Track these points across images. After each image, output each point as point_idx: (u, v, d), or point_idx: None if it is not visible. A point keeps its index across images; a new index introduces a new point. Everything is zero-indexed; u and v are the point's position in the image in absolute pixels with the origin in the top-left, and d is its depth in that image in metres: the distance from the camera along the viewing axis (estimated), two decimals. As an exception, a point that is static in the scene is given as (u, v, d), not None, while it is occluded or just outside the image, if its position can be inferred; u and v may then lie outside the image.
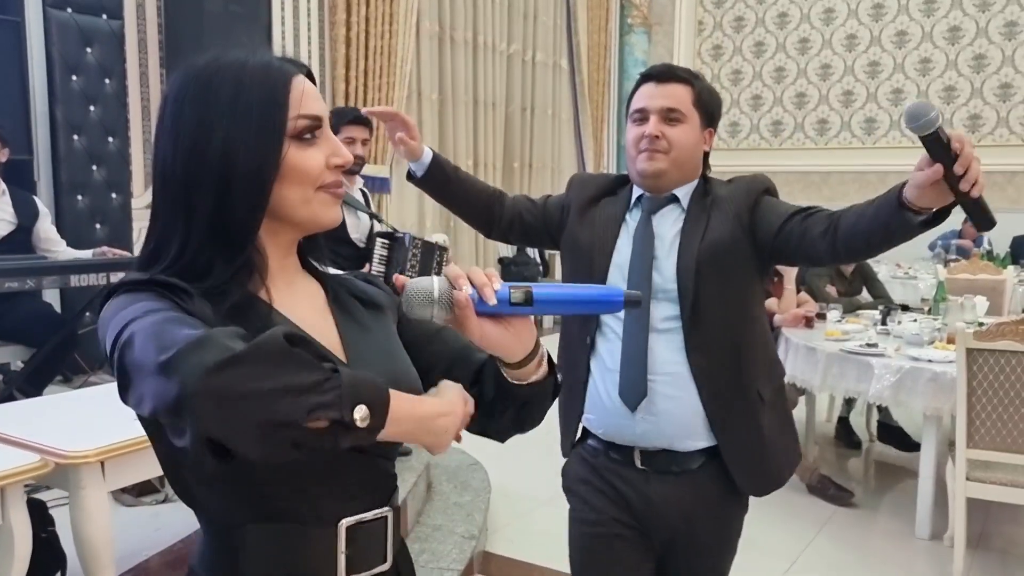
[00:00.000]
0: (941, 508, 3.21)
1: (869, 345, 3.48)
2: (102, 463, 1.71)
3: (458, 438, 0.85)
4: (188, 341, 0.66)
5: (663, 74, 1.58)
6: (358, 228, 3.16)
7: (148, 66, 4.63)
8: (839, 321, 3.99)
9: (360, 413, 0.70)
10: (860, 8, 8.95)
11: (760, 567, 3.07)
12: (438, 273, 2.81)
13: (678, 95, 1.55)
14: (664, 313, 1.53)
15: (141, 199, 4.59)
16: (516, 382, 0.89)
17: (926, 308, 4.66)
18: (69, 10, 3.96)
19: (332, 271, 0.98)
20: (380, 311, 0.96)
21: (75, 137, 4.00)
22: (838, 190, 9.14)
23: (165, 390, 0.66)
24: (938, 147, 1.16)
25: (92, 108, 4.05)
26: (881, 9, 8.87)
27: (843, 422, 4.57)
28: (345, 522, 0.85)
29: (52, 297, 3.73)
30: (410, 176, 1.66)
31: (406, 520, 2.82)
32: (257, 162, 0.81)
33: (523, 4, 7.72)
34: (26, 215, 3.24)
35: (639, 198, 1.61)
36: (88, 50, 4.02)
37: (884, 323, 3.92)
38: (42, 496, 2.21)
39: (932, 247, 7.57)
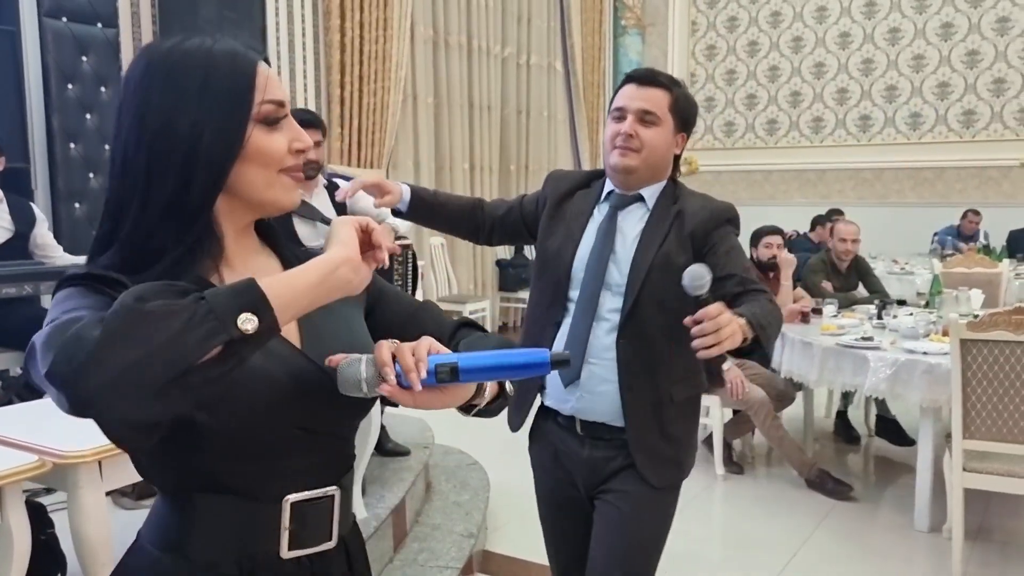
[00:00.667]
0: (940, 501, 3.22)
1: (865, 339, 3.49)
2: (99, 463, 1.72)
3: (379, 260, 0.85)
4: (58, 344, 0.66)
5: (644, 77, 1.69)
6: (317, 237, 2.92)
7: (143, 74, 4.65)
8: (835, 316, 4.01)
9: (245, 322, 0.69)
10: (853, 6, 8.97)
11: (759, 562, 3.08)
12: (412, 276, 2.78)
13: (656, 99, 1.65)
14: (611, 305, 1.66)
15: (138, 206, 4.60)
16: (465, 413, 0.92)
17: (922, 302, 4.68)
18: (64, 19, 3.98)
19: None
20: None
21: (72, 145, 4.01)
22: (834, 187, 9.16)
23: (60, 401, 0.67)
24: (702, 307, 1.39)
25: (88, 116, 4.07)
26: (874, 7, 8.90)
27: (841, 417, 4.59)
28: (290, 498, 0.87)
29: (50, 303, 3.74)
30: (396, 212, 1.79)
31: (405, 519, 2.83)
32: (223, 144, 0.83)
33: (517, 7, 7.74)
34: (23, 222, 3.26)
35: (609, 193, 1.72)
36: (84, 58, 4.05)
37: (880, 317, 3.93)
38: (42, 500, 2.22)
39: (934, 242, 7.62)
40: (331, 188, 3.12)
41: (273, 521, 0.86)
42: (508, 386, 0.95)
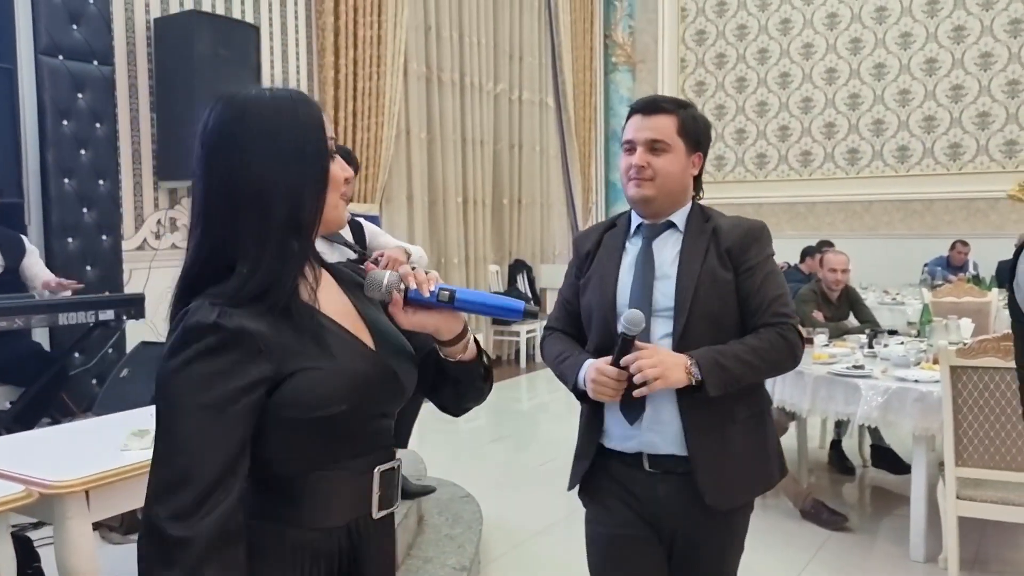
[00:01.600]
0: (936, 530, 3.20)
1: (856, 367, 3.50)
2: (87, 493, 1.71)
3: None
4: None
5: (648, 107, 1.70)
6: (331, 255, 3.19)
7: (139, 109, 4.70)
8: (826, 345, 4.01)
9: None
10: (838, 42, 9.15)
11: (755, 593, 3.05)
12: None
13: (662, 126, 1.66)
14: (662, 331, 1.63)
15: (131, 241, 4.62)
16: (447, 359, 1.10)
17: (913, 331, 4.70)
18: (60, 57, 4.04)
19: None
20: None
21: (66, 180, 4.04)
22: (824, 219, 9.24)
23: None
24: (623, 346, 1.54)
25: (83, 152, 4.10)
26: (859, 43, 9.08)
27: (836, 447, 4.57)
28: (378, 469, 1.05)
29: (42, 336, 3.74)
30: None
31: (396, 553, 2.80)
32: (319, 171, 1.01)
33: (509, 45, 7.87)
34: (11, 256, 3.27)
35: (639, 226, 1.72)
36: (79, 95, 4.09)
37: (871, 346, 3.95)
38: (30, 535, 2.20)
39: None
40: (351, 221, 3.27)
41: (367, 488, 1.04)
42: (485, 359, 1.13)
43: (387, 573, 1.13)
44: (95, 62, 4.20)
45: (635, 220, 1.73)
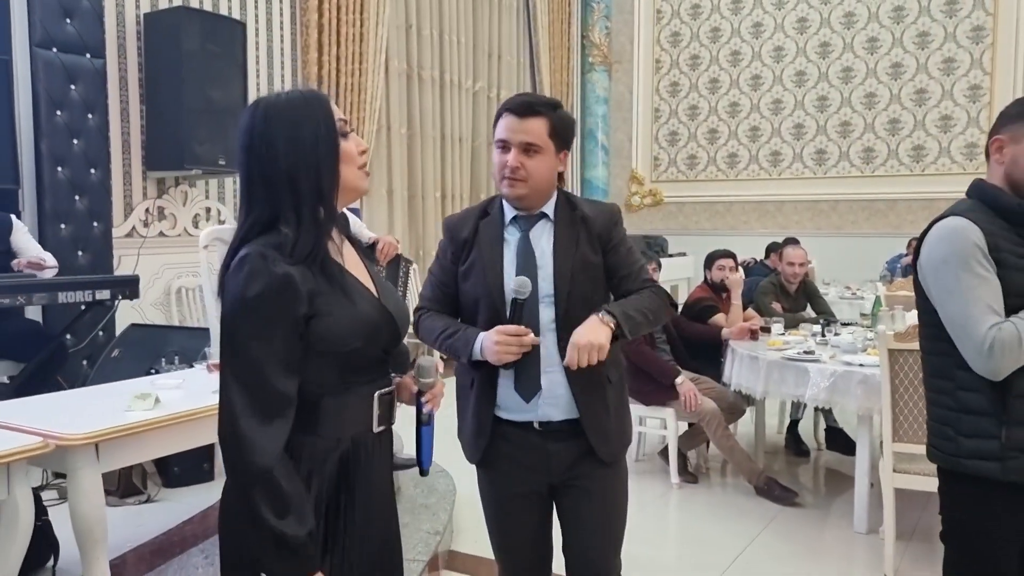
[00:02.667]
0: (879, 504, 3.45)
1: (807, 353, 3.76)
2: (96, 446, 1.90)
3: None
4: (233, 460, 1.19)
5: (522, 108, 1.78)
6: None
7: (129, 101, 4.85)
8: (782, 334, 4.27)
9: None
10: (808, 46, 9.44)
11: (705, 561, 3.29)
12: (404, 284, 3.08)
13: (535, 129, 1.77)
14: (547, 316, 1.81)
15: (121, 228, 4.77)
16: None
17: (866, 322, 4.97)
18: (54, 49, 4.18)
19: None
20: (370, 256, 1.47)
21: (59, 169, 4.19)
22: (792, 218, 9.54)
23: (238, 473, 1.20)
24: (516, 310, 1.75)
25: (76, 141, 4.25)
26: (828, 47, 9.37)
27: (792, 431, 4.84)
28: (378, 393, 1.34)
29: (34, 314, 3.89)
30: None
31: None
32: (331, 151, 1.27)
33: (487, 44, 8.07)
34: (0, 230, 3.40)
35: (514, 217, 1.85)
36: (72, 87, 4.24)
37: (823, 335, 4.20)
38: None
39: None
40: None
41: (369, 408, 1.33)
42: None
43: (386, 475, 1.43)
44: (87, 55, 4.34)
45: (509, 211, 1.85)
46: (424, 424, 1.44)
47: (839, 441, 4.60)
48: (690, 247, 9.72)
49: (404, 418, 1.60)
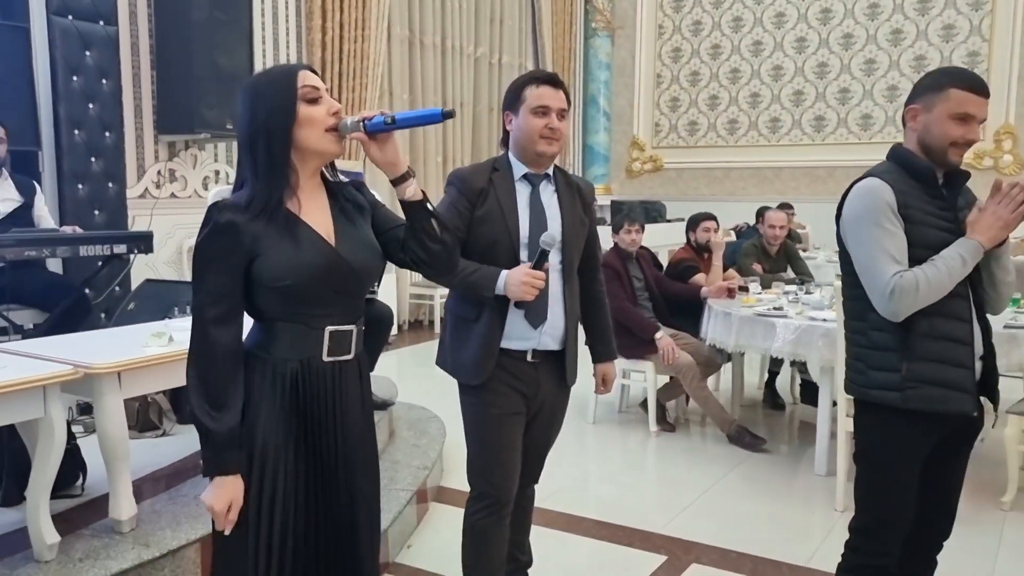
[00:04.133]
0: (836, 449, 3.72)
1: (776, 309, 4.00)
2: (119, 374, 2.19)
3: None
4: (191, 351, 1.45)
5: (557, 81, 2.13)
6: None
7: (140, 67, 5.09)
8: (758, 293, 4.51)
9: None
10: (809, 12, 9.53)
11: (672, 499, 3.58)
12: None
13: (565, 98, 2.11)
14: (555, 259, 2.13)
15: (134, 189, 5.04)
16: (401, 197, 1.54)
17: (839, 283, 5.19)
18: (70, 17, 4.41)
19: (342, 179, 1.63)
20: (363, 211, 1.60)
21: (76, 132, 4.45)
22: (789, 184, 9.71)
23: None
24: (542, 257, 2.01)
25: (91, 106, 4.50)
26: (829, 14, 9.45)
27: (770, 386, 5.10)
28: (329, 328, 1.52)
29: (55, 268, 4.18)
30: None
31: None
32: (284, 117, 1.44)
33: (489, 9, 8.21)
34: (27, 192, 3.69)
35: (523, 176, 2.14)
36: (87, 53, 4.48)
37: (797, 294, 4.44)
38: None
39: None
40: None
41: (320, 340, 1.51)
42: (430, 206, 1.57)
43: (352, 405, 1.56)
44: (101, 22, 4.57)
45: (518, 168, 2.14)
46: (392, 122, 1.48)
47: (812, 395, 4.85)
48: (688, 213, 9.85)
49: (401, 371, 1.85)
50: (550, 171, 2.17)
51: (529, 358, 2.14)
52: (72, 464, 2.52)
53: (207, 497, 1.43)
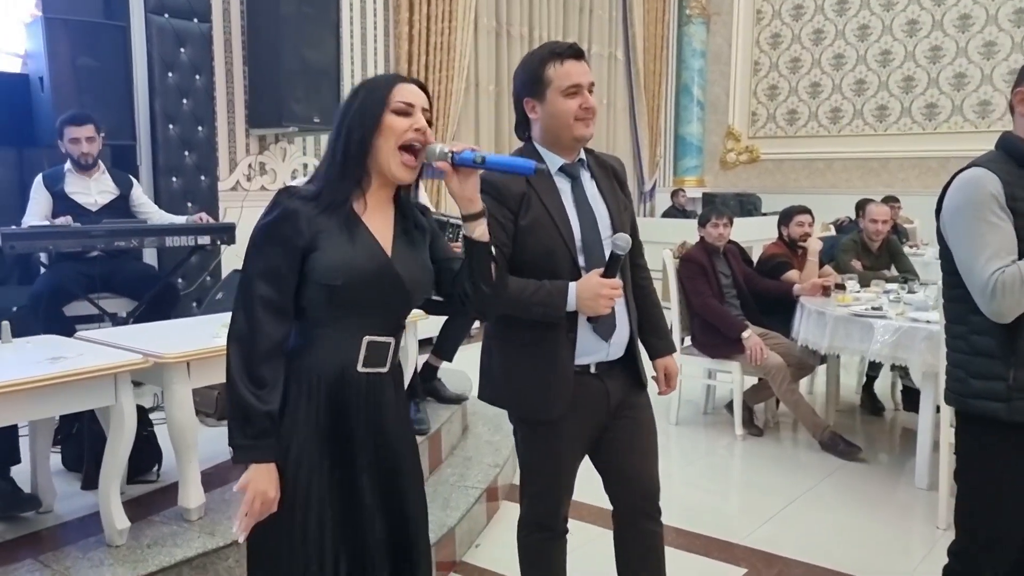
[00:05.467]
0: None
1: (874, 309, 3.73)
2: (188, 364, 2.21)
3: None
4: (233, 322, 1.42)
5: (580, 52, 1.85)
6: None
7: (232, 63, 5.23)
8: (857, 292, 4.23)
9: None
10: (922, -6, 8.93)
11: (757, 507, 3.39)
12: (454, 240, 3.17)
13: (589, 70, 1.85)
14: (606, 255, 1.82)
15: (226, 182, 5.19)
16: (469, 235, 1.48)
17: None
18: (166, 15, 4.56)
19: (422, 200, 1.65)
20: (423, 233, 1.56)
21: (170, 126, 4.60)
22: (897, 176, 9.15)
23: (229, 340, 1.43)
24: (614, 264, 1.75)
25: (185, 101, 4.65)
26: (943, -6, 8.84)
27: (868, 390, 4.79)
28: (367, 338, 1.46)
29: (150, 258, 4.35)
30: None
31: (440, 449, 3.28)
32: (367, 123, 1.43)
33: (579, -1, 8.07)
34: (124, 185, 3.84)
35: (560, 168, 1.86)
36: (182, 50, 4.62)
37: (899, 293, 4.13)
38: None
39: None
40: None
41: (356, 349, 1.46)
42: (493, 250, 1.52)
43: (390, 418, 1.50)
44: (195, 19, 4.70)
45: (552, 160, 1.85)
46: (482, 162, 1.43)
47: (914, 401, 4.52)
48: (786, 206, 9.44)
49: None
50: (582, 155, 1.91)
51: (593, 370, 1.90)
52: (149, 451, 2.58)
53: (245, 484, 1.38)
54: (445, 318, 3.72)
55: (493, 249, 1.52)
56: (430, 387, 3.67)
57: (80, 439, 2.64)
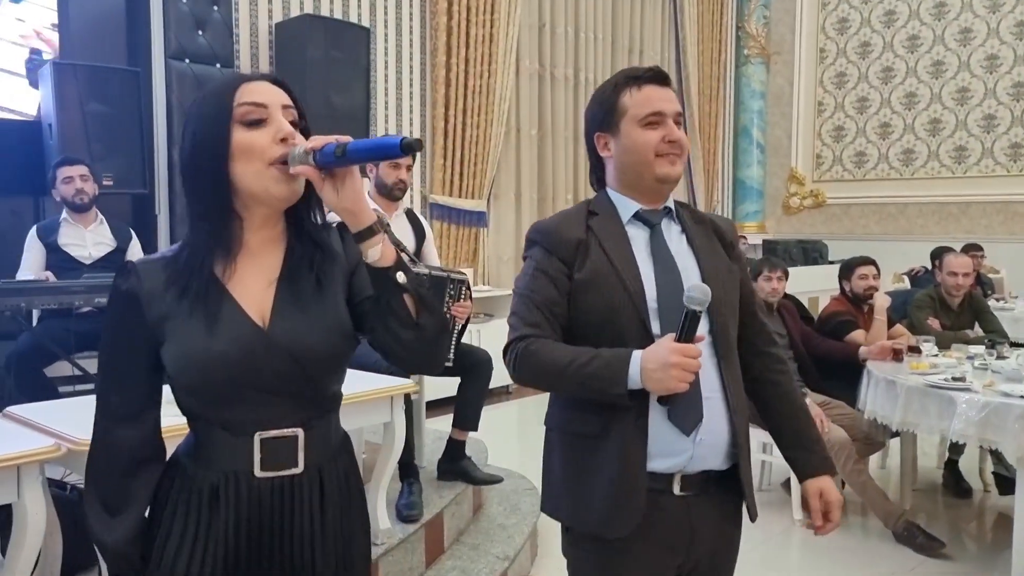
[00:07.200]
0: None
1: (955, 379, 3.19)
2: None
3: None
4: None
5: (663, 76, 1.52)
6: None
7: (256, 109, 5.05)
8: (935, 355, 3.68)
9: None
10: (1002, 27, 8.32)
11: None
12: (455, 299, 2.74)
13: (676, 99, 1.52)
14: (703, 327, 1.39)
15: (248, 231, 4.98)
16: (369, 263, 1.09)
17: (1048, 345, 4.21)
18: (187, 60, 4.42)
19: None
20: (332, 264, 1.17)
21: (187, 174, 4.41)
22: (979, 221, 8.44)
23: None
24: (692, 325, 1.32)
25: (203, 148, 4.47)
26: (1023, 27, 8.21)
27: (952, 467, 4.19)
28: (260, 435, 1.12)
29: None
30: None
31: (442, 536, 2.86)
32: (213, 145, 1.06)
33: (627, 39, 7.77)
34: (122, 238, 3.64)
35: (636, 215, 1.50)
36: (202, 96, 4.46)
37: (985, 358, 3.57)
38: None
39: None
40: (411, 219, 3.30)
41: (248, 449, 1.12)
42: (402, 277, 1.10)
43: (302, 535, 1.17)
44: (218, 64, 4.56)
45: (626, 207, 1.50)
46: (343, 155, 1.06)
47: (1009, 484, 3.90)
48: (856, 253, 8.80)
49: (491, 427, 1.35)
50: (670, 203, 1.52)
51: (677, 490, 1.41)
52: (89, 547, 2.25)
53: None
54: (459, 379, 3.28)
55: (402, 276, 1.10)
56: (459, 468, 3.15)
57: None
